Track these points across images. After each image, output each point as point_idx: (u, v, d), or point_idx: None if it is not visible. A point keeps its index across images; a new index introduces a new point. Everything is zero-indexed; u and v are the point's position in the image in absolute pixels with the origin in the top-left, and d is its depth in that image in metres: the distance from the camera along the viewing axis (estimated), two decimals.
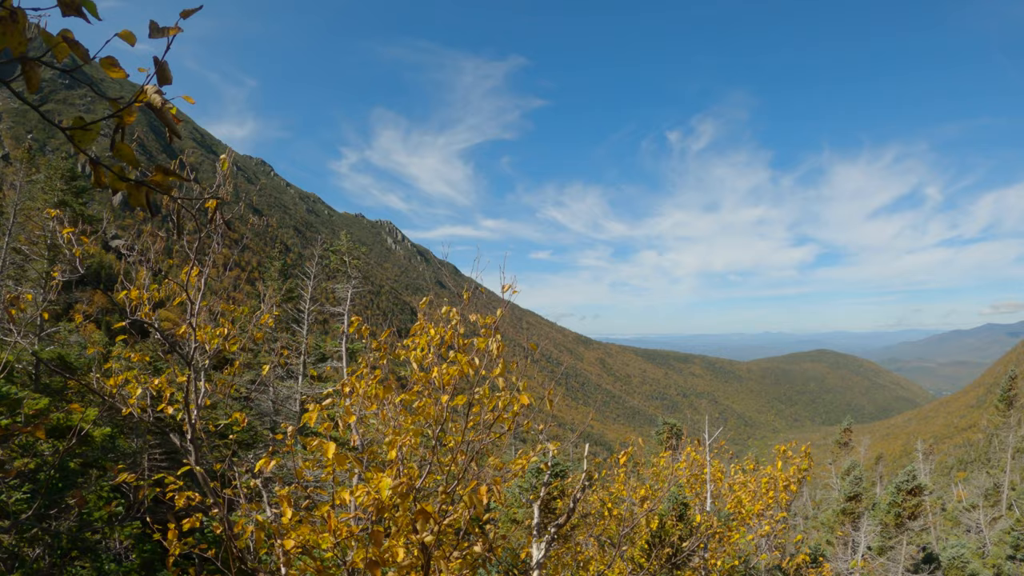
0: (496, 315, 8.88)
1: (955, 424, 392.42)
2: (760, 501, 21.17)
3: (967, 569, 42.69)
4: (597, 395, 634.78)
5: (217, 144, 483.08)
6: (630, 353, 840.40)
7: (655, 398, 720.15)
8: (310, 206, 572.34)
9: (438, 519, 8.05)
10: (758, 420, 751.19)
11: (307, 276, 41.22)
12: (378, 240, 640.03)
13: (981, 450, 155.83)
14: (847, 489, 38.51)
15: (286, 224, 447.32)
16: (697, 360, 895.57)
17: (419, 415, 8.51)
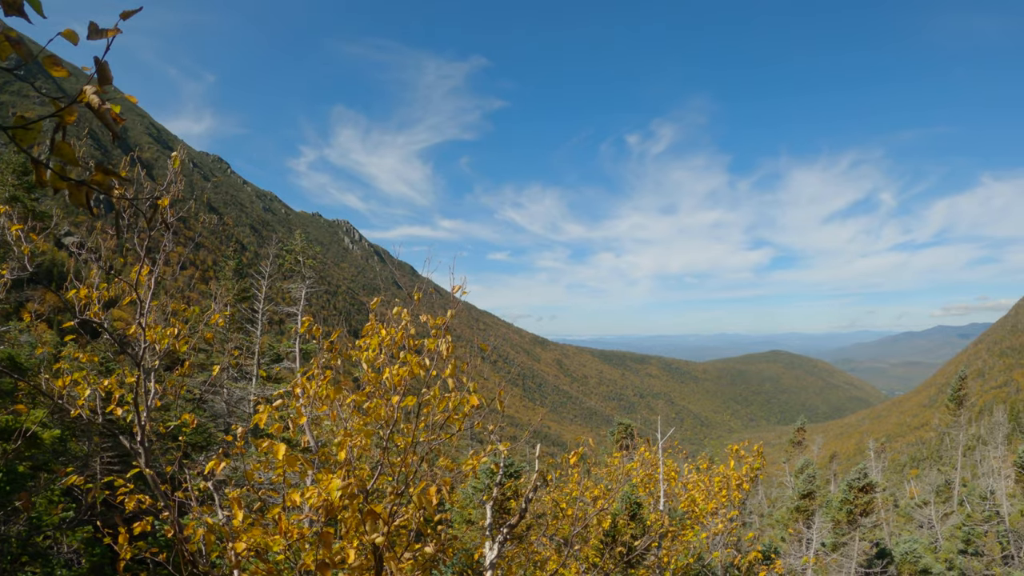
0: (447, 316, 8.87)
1: (908, 423, 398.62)
2: (713, 500, 21.34)
3: (920, 564, 43.39)
4: (554, 396, 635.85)
5: (174, 140, 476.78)
6: (587, 354, 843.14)
7: (612, 399, 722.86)
8: (267, 204, 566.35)
9: (387, 520, 8.01)
10: (714, 420, 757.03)
11: (262, 276, 40.81)
12: (335, 240, 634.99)
13: (933, 448, 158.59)
14: (801, 487, 38.98)
15: (242, 222, 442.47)
16: (654, 361, 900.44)
17: (370, 416, 8.47)
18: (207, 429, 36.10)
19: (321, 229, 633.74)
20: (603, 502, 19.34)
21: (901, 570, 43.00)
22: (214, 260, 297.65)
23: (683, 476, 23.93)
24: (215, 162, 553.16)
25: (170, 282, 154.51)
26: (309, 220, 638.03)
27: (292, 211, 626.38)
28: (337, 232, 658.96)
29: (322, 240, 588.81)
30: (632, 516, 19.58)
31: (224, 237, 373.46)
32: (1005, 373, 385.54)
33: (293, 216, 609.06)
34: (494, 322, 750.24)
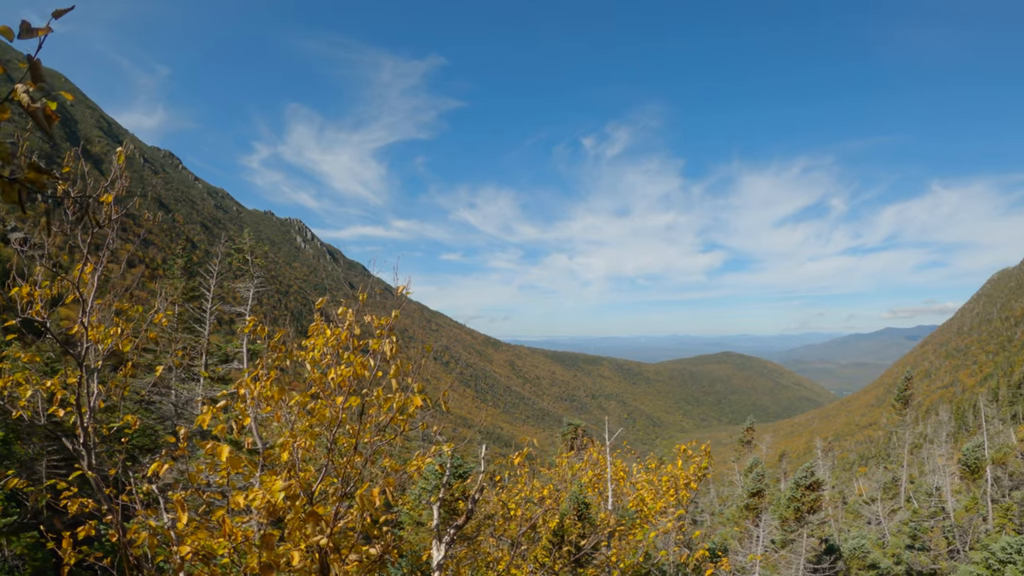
0: (392, 316, 8.83)
1: (856, 422, 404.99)
2: (662, 499, 21.50)
3: (868, 559, 44.08)
4: (506, 397, 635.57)
5: (124, 133, 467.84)
6: (539, 355, 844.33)
7: (564, 399, 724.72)
8: (218, 202, 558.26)
9: (330, 521, 7.97)
10: (666, 420, 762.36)
11: (210, 274, 40.30)
12: (287, 239, 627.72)
13: (881, 446, 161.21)
14: (750, 486, 39.41)
15: (193, 220, 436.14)
16: (606, 362, 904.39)
17: (315, 417, 8.42)
18: (155, 431, 35.56)
19: (273, 228, 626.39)
20: (551, 502, 19.42)
21: (850, 565, 43.65)
22: (164, 258, 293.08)
23: (632, 476, 24.08)
24: (166, 157, 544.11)
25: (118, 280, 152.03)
26: (261, 218, 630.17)
27: (244, 209, 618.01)
28: (289, 231, 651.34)
29: (274, 239, 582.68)
30: (580, 516, 19.65)
31: (174, 234, 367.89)
32: (951, 373, 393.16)
33: (245, 214, 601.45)
34: (446, 323, 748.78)
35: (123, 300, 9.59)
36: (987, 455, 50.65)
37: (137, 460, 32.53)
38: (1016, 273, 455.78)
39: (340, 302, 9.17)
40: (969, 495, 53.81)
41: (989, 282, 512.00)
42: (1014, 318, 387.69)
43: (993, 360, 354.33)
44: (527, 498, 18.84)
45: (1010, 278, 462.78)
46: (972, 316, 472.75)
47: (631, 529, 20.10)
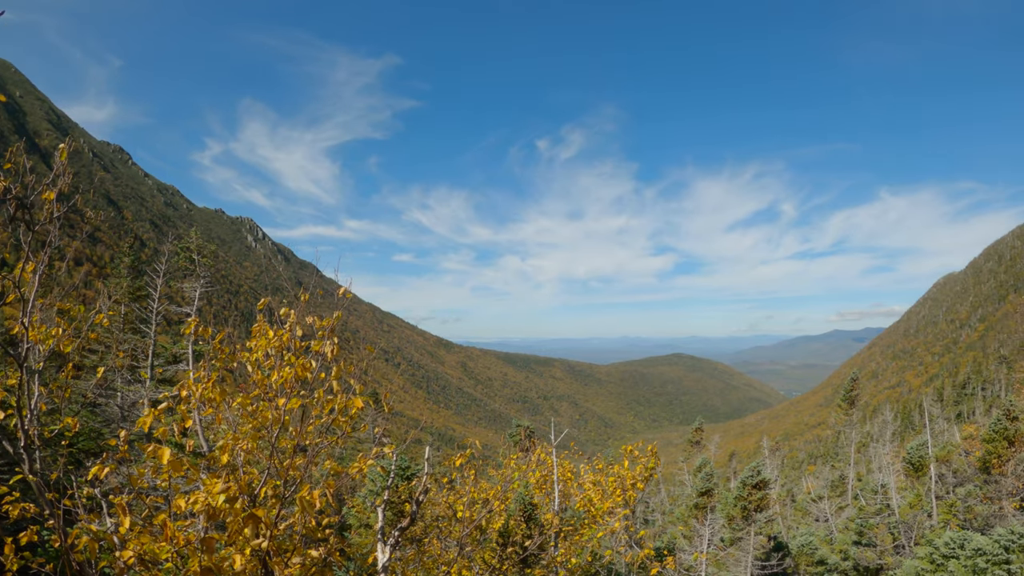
0: (334, 317, 8.80)
1: (805, 422, 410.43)
2: (609, 499, 21.60)
3: (816, 555, 44.73)
4: (459, 398, 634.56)
5: (74, 127, 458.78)
6: (491, 357, 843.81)
7: (516, 401, 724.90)
8: (168, 199, 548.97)
9: (269, 524, 7.92)
10: (618, 421, 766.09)
11: (157, 274, 39.66)
12: (238, 238, 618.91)
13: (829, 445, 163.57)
14: (699, 485, 39.77)
15: (142, 217, 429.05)
16: (558, 364, 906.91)
17: (257, 419, 8.36)
18: (100, 434, 34.95)
19: (224, 226, 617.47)
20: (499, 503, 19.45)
21: (798, 562, 44.23)
22: (111, 256, 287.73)
23: (580, 476, 24.17)
24: (116, 152, 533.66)
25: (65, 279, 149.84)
26: (212, 217, 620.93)
27: (194, 207, 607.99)
28: (240, 230, 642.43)
29: (224, 238, 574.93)
30: (527, 517, 19.69)
31: (122, 232, 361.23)
32: (897, 374, 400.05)
33: (195, 212, 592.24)
34: (398, 324, 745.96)
35: (69, 299, 9.45)
36: (931, 453, 51.63)
37: (82, 464, 31.98)
38: (961, 278, 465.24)
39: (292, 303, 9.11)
40: (913, 492, 54.79)
41: (935, 286, 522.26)
42: (959, 321, 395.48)
43: (939, 361, 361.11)
44: (475, 500, 18.85)
45: (955, 282, 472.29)
46: (918, 319, 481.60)
47: (579, 529, 20.19)
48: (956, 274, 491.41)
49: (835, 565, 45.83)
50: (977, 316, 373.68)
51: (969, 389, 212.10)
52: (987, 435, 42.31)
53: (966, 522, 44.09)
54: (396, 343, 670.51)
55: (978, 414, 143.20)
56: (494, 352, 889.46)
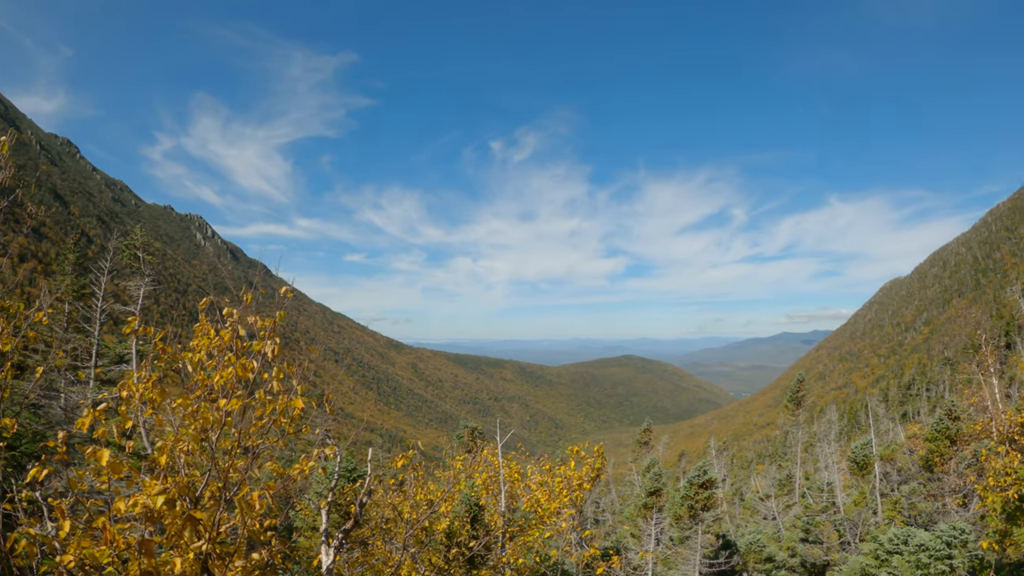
0: (276, 317, 8.70)
1: (754, 422, 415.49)
2: (556, 500, 21.66)
3: (764, 553, 45.27)
4: (409, 400, 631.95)
5: (21, 118, 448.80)
6: (442, 358, 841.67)
7: (467, 402, 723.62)
8: (116, 194, 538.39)
9: (208, 526, 7.83)
10: (569, 422, 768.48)
11: (102, 271, 38.90)
12: (187, 235, 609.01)
13: (777, 445, 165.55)
14: (648, 485, 39.98)
15: (89, 213, 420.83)
16: (508, 365, 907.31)
17: (199, 420, 8.25)
18: (44, 436, 34.24)
19: (173, 224, 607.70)
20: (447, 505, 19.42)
21: (747, 559, 44.74)
22: (57, 252, 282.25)
23: (527, 477, 24.20)
24: (64, 145, 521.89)
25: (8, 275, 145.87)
26: (160, 213, 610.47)
27: (143, 203, 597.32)
28: (189, 227, 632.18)
29: (173, 235, 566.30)
30: (473, 518, 19.67)
31: (69, 228, 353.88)
32: (845, 375, 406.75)
33: (144, 208, 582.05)
34: (349, 325, 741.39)
35: (11, 296, 9.25)
36: (875, 452, 52.49)
37: (23, 467, 31.33)
38: (907, 283, 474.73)
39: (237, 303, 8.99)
40: (858, 490, 55.68)
41: (881, 290, 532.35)
42: (904, 324, 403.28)
43: (884, 363, 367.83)
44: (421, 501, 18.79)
45: (901, 287, 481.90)
46: (865, 322, 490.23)
47: (526, 530, 20.22)
48: (902, 279, 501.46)
49: (783, 562, 46.47)
50: (922, 320, 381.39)
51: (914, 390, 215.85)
52: (930, 434, 43.10)
53: (910, 519, 44.88)
54: (346, 344, 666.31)
55: (923, 414, 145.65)
56: (445, 353, 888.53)
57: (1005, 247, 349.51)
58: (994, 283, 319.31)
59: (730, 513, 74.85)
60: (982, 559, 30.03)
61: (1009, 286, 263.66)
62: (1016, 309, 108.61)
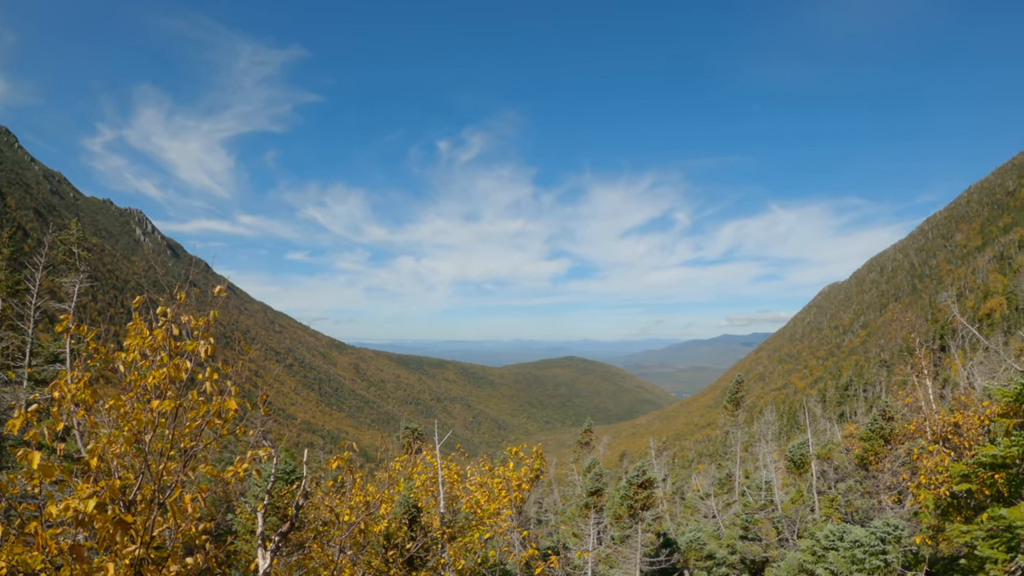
0: (210, 316, 8.59)
1: (695, 423, 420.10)
2: (496, 501, 21.67)
3: (704, 550, 45.79)
4: (351, 400, 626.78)
5: None
6: (384, 358, 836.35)
7: (409, 403, 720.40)
8: (55, 186, 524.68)
9: (140, 530, 7.72)
10: (511, 423, 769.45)
11: (36, 267, 37.97)
12: (126, 230, 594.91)
13: (718, 445, 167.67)
14: (589, 485, 40.23)
15: (26, 205, 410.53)
16: (451, 366, 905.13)
17: (131, 421, 8.11)
18: None
19: (111, 218, 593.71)
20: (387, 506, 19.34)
21: (687, 557, 45.21)
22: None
23: (467, 479, 24.17)
24: (1, 135, 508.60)
25: None
26: (99, 207, 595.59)
27: (81, 196, 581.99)
28: (129, 222, 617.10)
29: (112, 230, 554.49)
30: (412, 519, 19.62)
31: (5, 220, 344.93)
32: (784, 377, 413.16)
33: (83, 201, 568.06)
34: (290, 324, 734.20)
35: None
36: (812, 451, 53.44)
37: None
38: (845, 287, 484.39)
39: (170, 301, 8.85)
40: (796, 488, 56.62)
41: (820, 295, 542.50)
42: (842, 327, 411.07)
43: (823, 365, 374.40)
44: (359, 503, 18.69)
45: (839, 291, 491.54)
46: (804, 325, 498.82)
47: (466, 531, 20.21)
48: (841, 283, 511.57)
49: (723, 559, 47.06)
50: (860, 323, 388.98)
51: (851, 391, 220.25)
52: (865, 434, 43.92)
53: (847, 515, 45.72)
54: (288, 344, 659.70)
55: (860, 414, 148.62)
56: (387, 354, 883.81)
57: (941, 254, 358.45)
58: (929, 288, 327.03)
59: (671, 512, 75.60)
60: (916, 554, 30.70)
61: (944, 291, 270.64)
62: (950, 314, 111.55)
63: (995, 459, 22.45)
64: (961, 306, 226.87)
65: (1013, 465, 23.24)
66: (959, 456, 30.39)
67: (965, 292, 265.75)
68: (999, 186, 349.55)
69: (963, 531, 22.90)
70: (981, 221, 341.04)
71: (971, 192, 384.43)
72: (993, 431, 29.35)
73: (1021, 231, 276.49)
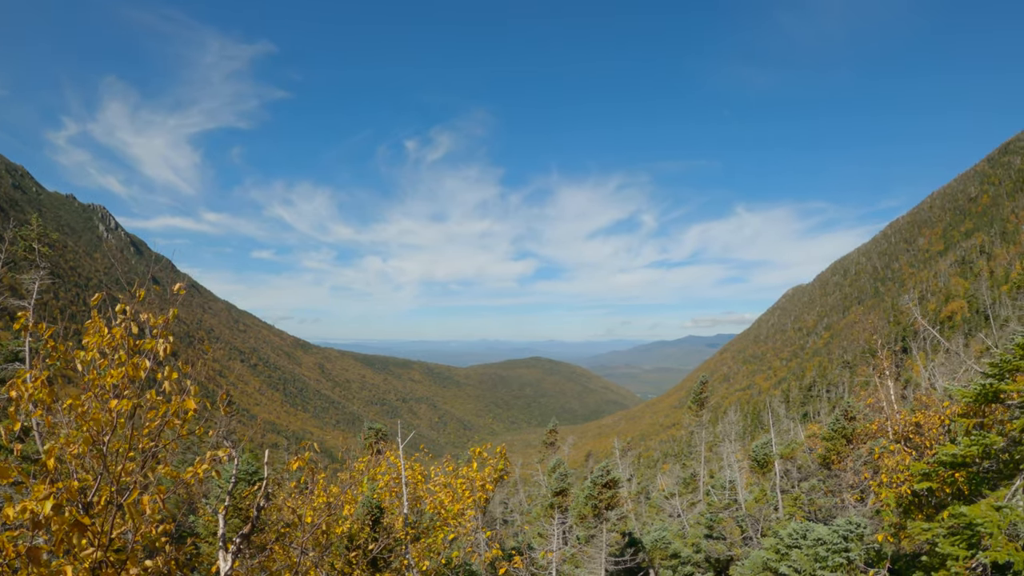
0: (169, 315, 8.46)
1: (660, 423, 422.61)
2: (460, 502, 21.62)
3: (669, 549, 46.04)
4: (316, 401, 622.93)
5: None
6: (349, 358, 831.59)
7: (375, 403, 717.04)
8: (17, 180, 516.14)
9: (97, 532, 7.59)
10: (477, 423, 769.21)
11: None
12: (89, 226, 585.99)
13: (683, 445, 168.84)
14: (554, 485, 40.30)
15: None
16: (417, 366, 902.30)
17: (90, 421, 7.97)
18: None
19: (74, 214, 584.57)
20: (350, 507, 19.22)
21: (653, 556, 45.42)
22: None
23: (431, 479, 24.09)
24: None
25: None
26: (62, 202, 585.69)
27: (44, 191, 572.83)
28: (92, 218, 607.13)
29: (75, 226, 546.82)
30: (374, 520, 19.51)
31: None
32: (748, 378, 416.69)
33: (45, 196, 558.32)
34: (255, 323, 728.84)
35: None
36: (775, 451, 53.88)
37: None
38: (808, 289, 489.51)
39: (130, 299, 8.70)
40: (759, 487, 57.09)
41: (784, 297, 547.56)
42: (806, 329, 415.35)
43: (787, 366, 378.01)
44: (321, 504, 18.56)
45: (803, 294, 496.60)
46: (768, 327, 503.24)
47: (431, 532, 20.15)
48: (804, 286, 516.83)
49: (688, 558, 47.33)
50: (823, 325, 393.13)
51: (815, 391, 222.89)
52: (827, 434, 44.37)
53: (810, 514, 46.13)
54: (252, 343, 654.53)
55: (823, 414, 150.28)
56: (352, 354, 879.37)
57: (903, 258, 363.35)
58: (892, 291, 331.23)
59: (636, 511, 75.95)
60: (879, 551, 31.07)
61: (906, 294, 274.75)
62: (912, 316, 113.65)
63: (955, 458, 22.76)
64: (923, 309, 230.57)
65: (973, 464, 23.57)
66: (920, 455, 30.81)
67: (927, 295, 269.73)
68: (961, 192, 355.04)
69: (924, 529, 23.17)
70: (943, 226, 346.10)
71: (934, 198, 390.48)
72: (953, 431, 29.78)
73: (983, 236, 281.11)
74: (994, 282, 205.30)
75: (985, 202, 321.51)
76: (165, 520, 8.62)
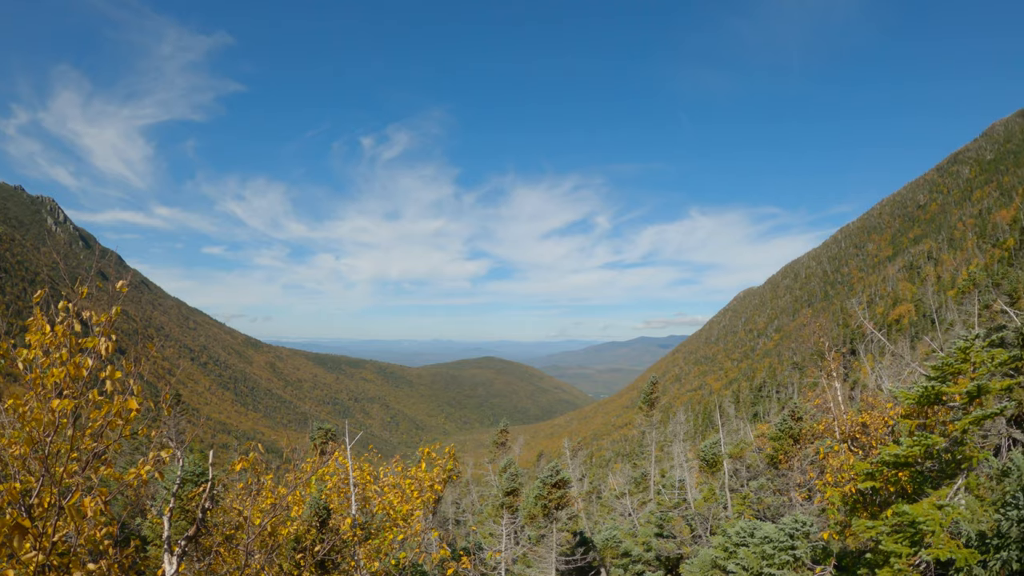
0: (112, 312, 8.33)
1: (612, 423, 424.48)
2: (409, 502, 21.58)
3: (620, 548, 46.38)
4: (267, 400, 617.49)
5: None
6: (301, 357, 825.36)
7: (327, 403, 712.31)
8: None
9: (39, 535, 7.47)
10: (429, 423, 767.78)
11: None
12: (37, 219, 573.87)
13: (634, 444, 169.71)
14: (505, 485, 40.33)
15: None
16: (369, 365, 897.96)
17: (31, 422, 7.82)
18: None
19: (22, 206, 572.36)
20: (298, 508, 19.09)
21: (604, 555, 45.71)
22: None
23: (380, 480, 24.00)
24: None
25: None
26: (10, 194, 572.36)
27: None
28: (40, 211, 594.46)
29: (23, 219, 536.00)
30: (322, 522, 19.40)
31: None
32: (699, 378, 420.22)
33: None
34: (205, 321, 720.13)
35: None
36: (724, 450, 54.46)
37: None
38: (760, 292, 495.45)
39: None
40: (708, 486, 57.68)
41: (735, 299, 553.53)
42: (757, 330, 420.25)
43: (738, 367, 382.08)
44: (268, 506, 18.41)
45: (754, 296, 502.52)
46: (720, 328, 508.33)
47: (379, 533, 20.06)
48: (756, 288, 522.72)
49: (639, 556, 47.68)
50: (773, 327, 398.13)
51: (765, 392, 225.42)
52: (775, 434, 44.88)
53: (759, 512, 46.63)
54: (203, 341, 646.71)
55: (772, 414, 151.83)
56: (304, 352, 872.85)
57: (853, 262, 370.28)
58: (841, 295, 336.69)
59: (588, 511, 76.39)
60: (825, 549, 31.56)
61: (855, 298, 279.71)
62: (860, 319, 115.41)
63: (898, 458, 23.18)
64: (871, 312, 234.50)
65: (916, 463, 24.04)
66: (867, 455, 31.34)
67: (875, 299, 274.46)
68: (911, 200, 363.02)
69: (869, 526, 23.56)
70: (892, 232, 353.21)
71: (883, 205, 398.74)
72: (897, 431, 30.31)
73: (930, 243, 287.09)
74: (941, 287, 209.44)
75: (934, 209, 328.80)
76: (109, 523, 8.46)
